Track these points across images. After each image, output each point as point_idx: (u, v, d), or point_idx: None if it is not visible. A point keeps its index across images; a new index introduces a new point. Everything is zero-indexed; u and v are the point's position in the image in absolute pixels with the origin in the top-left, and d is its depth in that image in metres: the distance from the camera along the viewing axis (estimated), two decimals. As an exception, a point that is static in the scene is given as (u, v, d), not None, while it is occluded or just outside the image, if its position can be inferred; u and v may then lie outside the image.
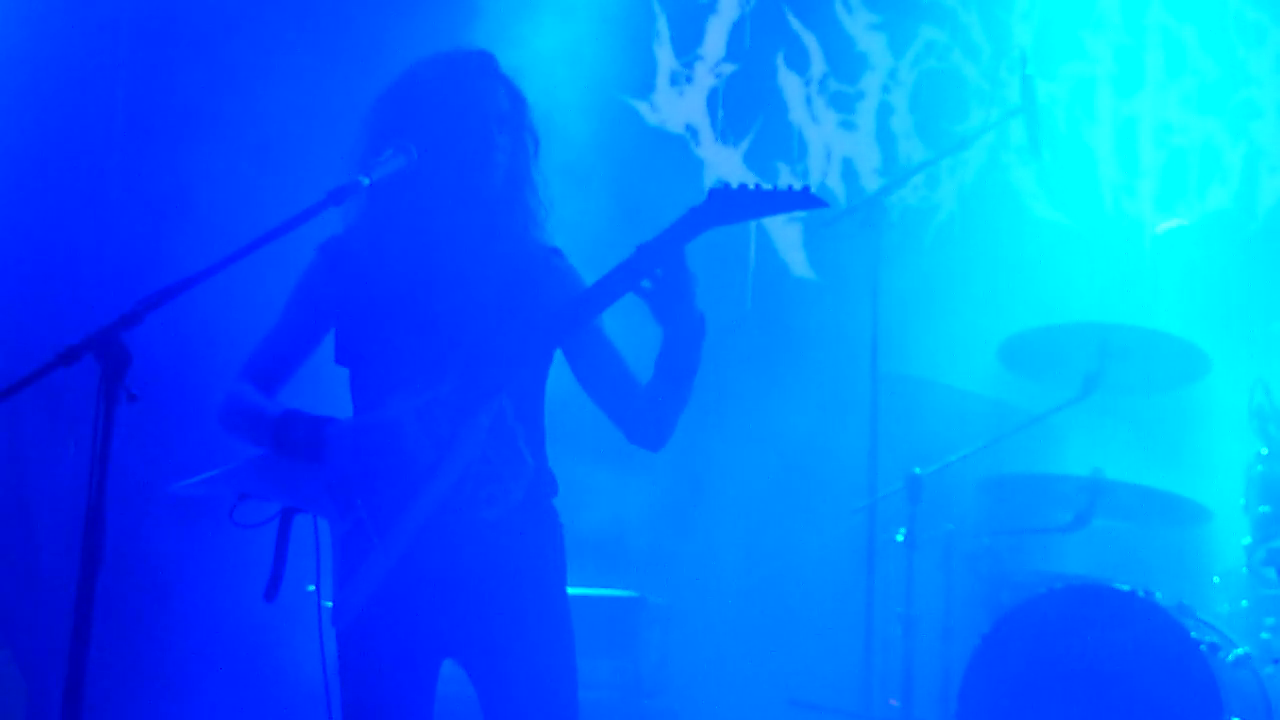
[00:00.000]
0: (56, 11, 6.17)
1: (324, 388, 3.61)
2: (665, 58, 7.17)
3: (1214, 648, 4.89)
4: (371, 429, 3.29)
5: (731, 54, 7.19)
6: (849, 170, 7.16)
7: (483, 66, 3.56)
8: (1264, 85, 7.17)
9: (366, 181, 3.21)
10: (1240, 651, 5.01)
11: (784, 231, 7.07)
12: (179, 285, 2.80)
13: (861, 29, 7.21)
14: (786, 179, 6.97)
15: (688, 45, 7.18)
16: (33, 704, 5.76)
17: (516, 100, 3.59)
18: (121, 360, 2.63)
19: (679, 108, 7.16)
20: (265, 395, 3.46)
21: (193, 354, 5.95)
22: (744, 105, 7.18)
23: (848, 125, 7.18)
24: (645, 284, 3.29)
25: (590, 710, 3.50)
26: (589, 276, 3.45)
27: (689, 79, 7.16)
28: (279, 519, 3.34)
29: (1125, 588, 5.02)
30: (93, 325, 2.66)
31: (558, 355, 3.54)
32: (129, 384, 2.63)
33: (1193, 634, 4.85)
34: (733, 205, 3.29)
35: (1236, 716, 4.75)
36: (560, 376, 3.58)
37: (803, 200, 3.28)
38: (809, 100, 7.17)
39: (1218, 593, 5.66)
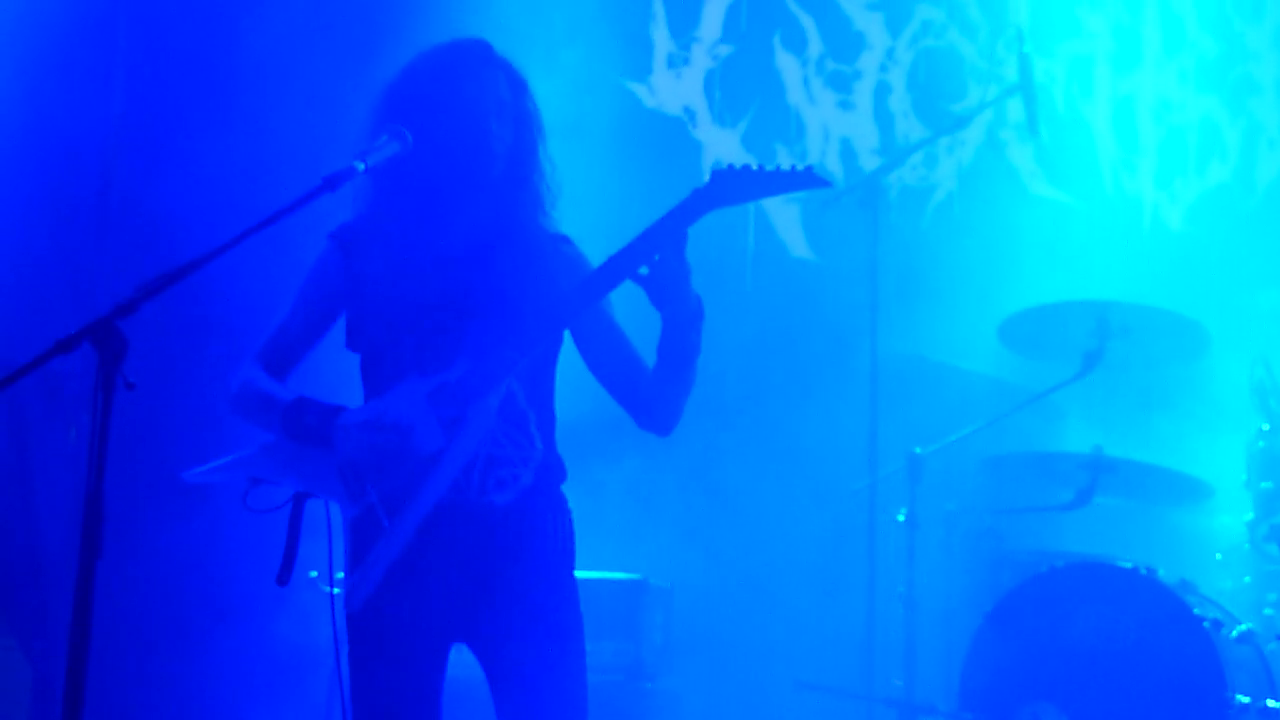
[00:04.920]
0: (59, 10, 6.16)
1: (336, 373, 3.62)
2: (662, 40, 7.15)
3: (1217, 624, 4.90)
4: (382, 414, 3.30)
5: (728, 35, 7.18)
6: (847, 150, 7.15)
7: (477, 53, 3.56)
8: (1262, 60, 7.17)
9: (361, 166, 3.22)
10: (1243, 628, 5.02)
11: (782, 212, 7.06)
12: (176, 272, 2.79)
13: (858, 8, 7.19)
14: (785, 160, 6.96)
15: (684, 27, 7.17)
16: (37, 692, 5.77)
17: (516, 85, 3.59)
18: (119, 348, 2.63)
19: (676, 90, 7.14)
20: (277, 381, 3.47)
21: (194, 340, 5.95)
22: (741, 87, 7.16)
23: (845, 105, 7.17)
24: (642, 270, 3.28)
25: (593, 693, 3.50)
26: (592, 261, 3.46)
27: (686, 61, 7.14)
28: (291, 504, 3.36)
29: (1127, 565, 5.03)
30: (90, 313, 2.66)
31: (567, 342, 3.55)
32: (126, 372, 2.63)
33: (1195, 610, 4.85)
34: (736, 186, 3.28)
35: (1240, 693, 4.76)
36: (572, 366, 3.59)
37: (806, 180, 3.28)
38: (806, 81, 7.16)
39: (1220, 569, 5.67)
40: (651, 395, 3.48)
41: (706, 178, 3.30)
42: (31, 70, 6.10)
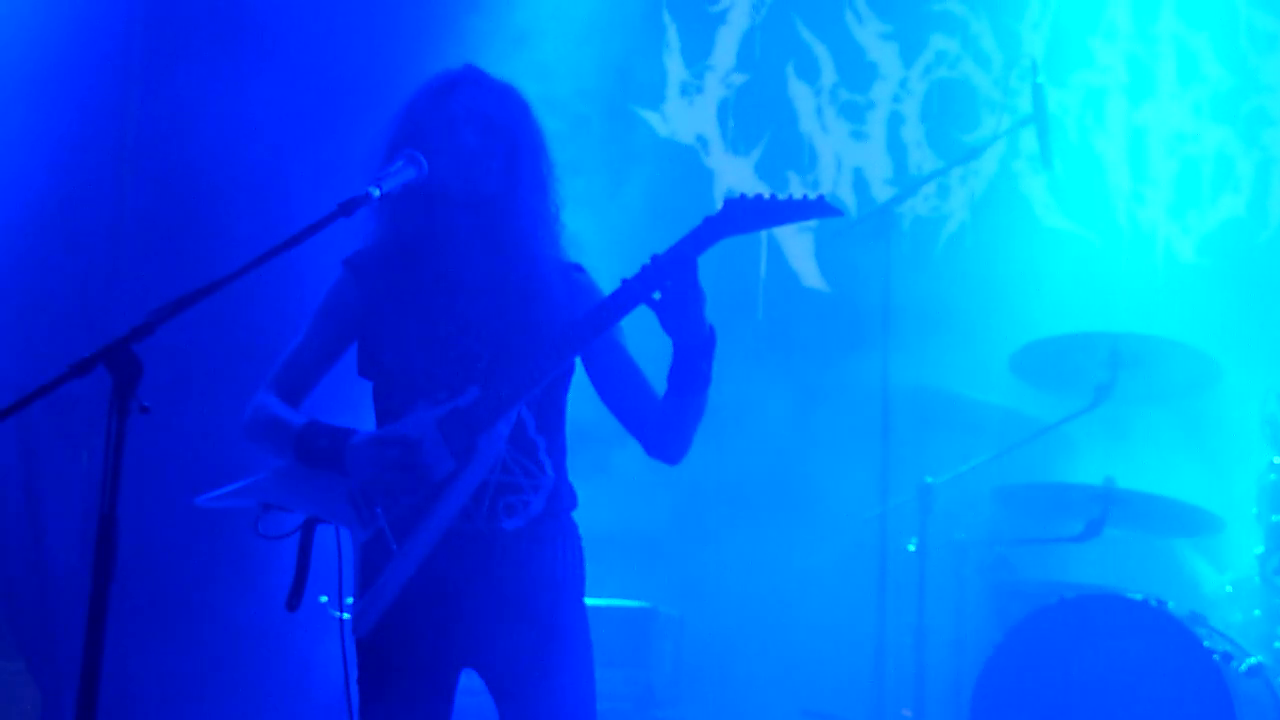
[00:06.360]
0: (70, 14, 6.19)
1: (348, 400, 3.64)
2: (676, 68, 7.18)
3: (1227, 657, 4.88)
4: (392, 439, 3.31)
5: (742, 64, 7.20)
6: (860, 180, 7.16)
7: (463, 76, 3.57)
8: (1276, 93, 7.17)
9: (377, 192, 3.23)
10: (1253, 661, 5.00)
11: (795, 241, 7.08)
12: (191, 296, 2.81)
13: (872, 38, 7.21)
14: (797, 189, 6.96)
15: (698, 55, 7.19)
16: (46, 715, 5.77)
17: (511, 104, 3.57)
18: (133, 371, 2.64)
19: (690, 118, 7.16)
20: (290, 407, 3.48)
21: (208, 365, 5.97)
22: (754, 115, 7.18)
23: (858, 135, 7.18)
24: (655, 295, 3.29)
25: (603, 721, 3.51)
26: (604, 288, 3.46)
27: (699, 89, 7.17)
28: (301, 529, 3.36)
29: (1138, 597, 5.02)
30: (104, 336, 2.67)
31: (579, 370, 3.56)
32: (141, 395, 2.64)
33: (1205, 643, 4.84)
34: (748, 214, 3.30)
35: (1250, 726, 4.75)
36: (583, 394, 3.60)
37: (818, 208, 3.30)
38: (819, 110, 7.18)
39: (1230, 602, 5.65)
40: (661, 423, 3.48)
41: (719, 206, 3.31)
42: (44, 78, 6.12)
